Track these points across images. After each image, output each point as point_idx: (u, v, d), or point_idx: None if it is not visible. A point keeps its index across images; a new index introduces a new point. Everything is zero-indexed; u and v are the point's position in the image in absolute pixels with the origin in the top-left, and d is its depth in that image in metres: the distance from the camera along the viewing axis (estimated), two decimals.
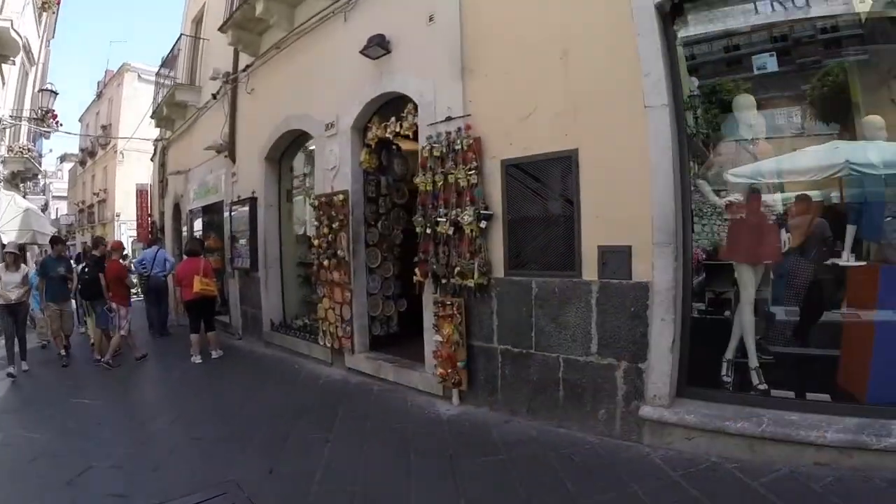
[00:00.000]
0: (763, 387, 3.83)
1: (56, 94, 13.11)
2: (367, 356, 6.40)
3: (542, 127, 4.44)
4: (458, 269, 4.90)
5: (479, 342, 4.88)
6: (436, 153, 5.17)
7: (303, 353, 7.44)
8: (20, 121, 12.56)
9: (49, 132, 14.27)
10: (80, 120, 37.63)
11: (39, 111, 12.77)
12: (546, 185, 4.53)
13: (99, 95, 33.86)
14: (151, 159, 17.79)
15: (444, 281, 5.11)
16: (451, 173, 4.99)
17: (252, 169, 8.63)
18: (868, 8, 3.86)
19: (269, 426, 4.75)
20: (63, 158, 43.71)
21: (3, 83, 12.07)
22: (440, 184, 5.12)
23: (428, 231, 5.23)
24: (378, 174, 6.77)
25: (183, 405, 5.76)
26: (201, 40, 11.70)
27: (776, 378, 3.86)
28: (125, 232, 27.47)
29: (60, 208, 42.24)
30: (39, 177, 18.72)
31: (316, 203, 6.91)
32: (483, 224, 4.76)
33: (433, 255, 5.21)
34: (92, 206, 33.41)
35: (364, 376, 6.27)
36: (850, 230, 3.87)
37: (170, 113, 12.67)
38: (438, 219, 5.09)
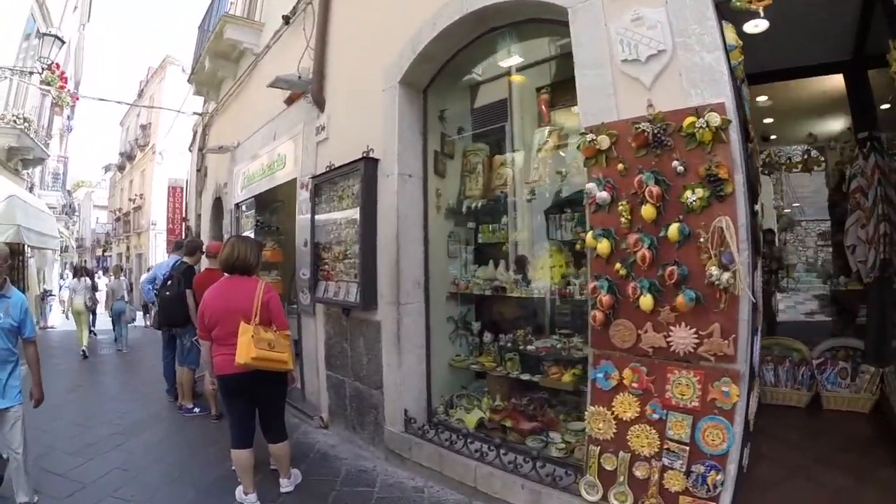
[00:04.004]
0: None
1: (63, 41, 9.32)
2: None
3: None
4: None
5: None
6: None
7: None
8: (13, 73, 8.77)
9: (56, 97, 10.55)
10: (121, 124, 35.48)
11: (39, 63, 9.02)
12: None
13: (140, 94, 31.16)
14: (189, 148, 14.03)
15: None
16: None
17: (365, 108, 4.48)
18: None
19: None
20: (107, 168, 42.18)
21: None
22: None
23: None
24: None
25: None
26: None
27: None
28: (161, 243, 24.23)
29: (101, 217, 40.76)
30: (51, 163, 15.00)
31: (601, 142, 2.68)
32: None
33: None
34: (128, 213, 30.48)
35: None
36: None
37: (214, 67, 8.74)
38: None
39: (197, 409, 5.58)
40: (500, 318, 4.40)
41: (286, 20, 6.31)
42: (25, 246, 11.09)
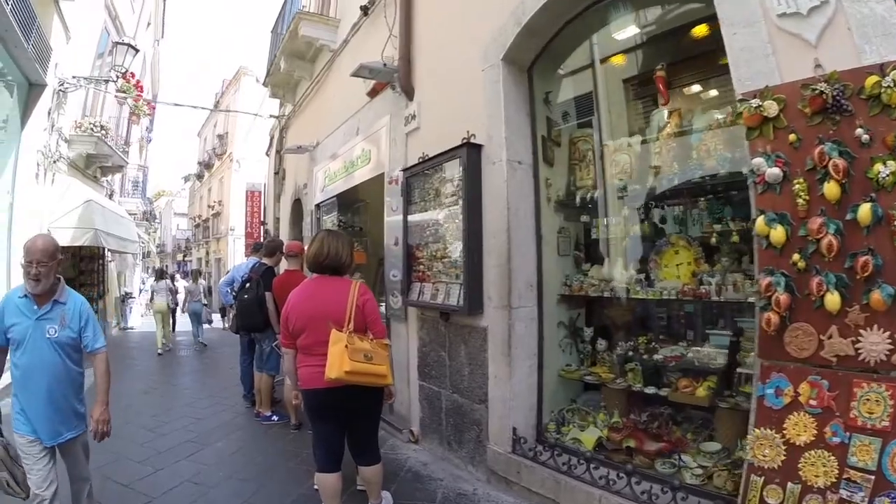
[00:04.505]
0: None
1: (136, 49, 9.50)
2: None
3: None
4: None
5: None
6: None
7: None
8: (89, 83, 8.99)
9: (133, 106, 10.83)
10: (199, 135, 37.06)
11: (113, 72, 9.22)
12: None
13: (216, 105, 32.39)
14: (266, 153, 14.20)
15: None
16: None
17: (461, 92, 4.09)
18: None
19: None
20: (186, 178, 44.30)
21: (68, 36, 8.53)
22: None
23: None
24: None
25: None
26: None
27: None
28: (239, 248, 24.93)
29: (181, 224, 43.19)
30: (130, 171, 15.57)
31: (768, 108, 2.25)
32: None
33: None
34: (207, 220, 31.73)
35: None
36: None
37: (290, 67, 8.65)
38: None
39: (275, 418, 5.35)
40: (614, 323, 3.89)
41: (365, 11, 6.08)
42: (105, 249, 11.46)
